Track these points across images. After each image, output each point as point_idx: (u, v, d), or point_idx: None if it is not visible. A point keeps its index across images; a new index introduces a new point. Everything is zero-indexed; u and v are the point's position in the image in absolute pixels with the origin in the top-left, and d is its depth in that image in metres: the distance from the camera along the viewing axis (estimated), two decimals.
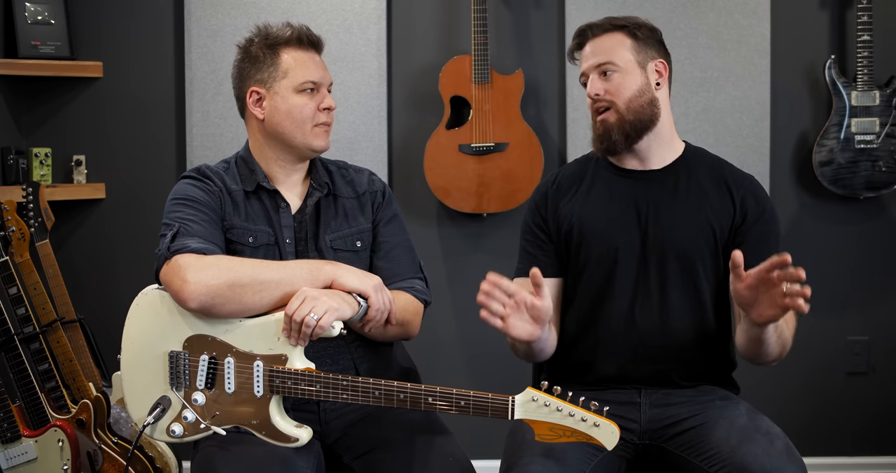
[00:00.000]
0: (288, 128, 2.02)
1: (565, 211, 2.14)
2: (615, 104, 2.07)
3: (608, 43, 2.08)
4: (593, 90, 2.08)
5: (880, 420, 3.39)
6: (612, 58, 2.07)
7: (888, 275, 3.38)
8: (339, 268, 1.90)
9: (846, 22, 3.29)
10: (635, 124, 2.07)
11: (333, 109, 2.06)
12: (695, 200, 2.08)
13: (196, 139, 3.32)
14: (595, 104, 2.09)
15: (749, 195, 2.09)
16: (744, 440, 1.87)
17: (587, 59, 2.10)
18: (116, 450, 2.76)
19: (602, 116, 2.09)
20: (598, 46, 2.09)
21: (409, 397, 1.79)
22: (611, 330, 2.07)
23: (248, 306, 1.84)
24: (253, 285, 1.83)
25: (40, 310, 2.86)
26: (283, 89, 2.01)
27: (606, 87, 2.07)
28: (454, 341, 3.43)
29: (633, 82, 2.07)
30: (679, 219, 2.07)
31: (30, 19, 3.22)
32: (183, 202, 1.97)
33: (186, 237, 1.88)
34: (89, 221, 3.40)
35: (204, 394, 1.87)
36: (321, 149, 2.06)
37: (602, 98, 2.07)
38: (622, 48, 2.08)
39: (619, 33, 2.09)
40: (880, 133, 3.16)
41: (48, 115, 3.36)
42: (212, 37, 3.30)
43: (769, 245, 2.05)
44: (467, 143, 3.20)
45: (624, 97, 2.07)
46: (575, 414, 1.71)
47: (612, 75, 2.07)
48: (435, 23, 3.35)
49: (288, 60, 2.02)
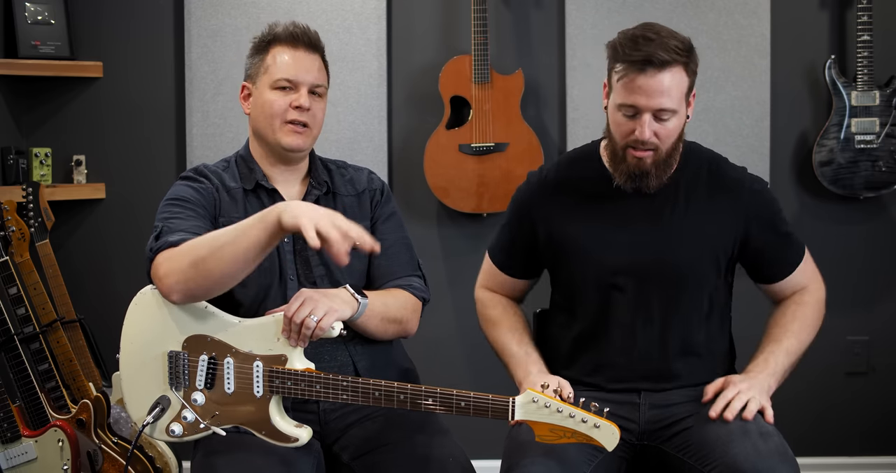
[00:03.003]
0: (262, 123, 2.03)
1: (557, 222, 2.08)
2: (659, 148, 1.95)
3: (672, 81, 1.90)
4: (646, 135, 1.91)
5: (880, 420, 3.39)
6: (674, 103, 1.91)
7: (888, 275, 3.38)
8: (287, 204, 1.76)
9: (846, 22, 3.29)
10: (667, 161, 1.99)
11: (306, 109, 2.00)
12: (696, 217, 2.02)
13: (196, 139, 3.32)
14: (640, 145, 1.94)
15: (750, 202, 2.04)
16: (736, 439, 1.86)
17: (648, 96, 1.89)
18: (116, 450, 2.76)
19: (641, 154, 1.95)
20: (662, 84, 1.89)
21: (409, 398, 1.79)
22: (611, 353, 2.05)
23: (218, 275, 1.77)
24: (213, 253, 1.76)
25: (40, 310, 2.86)
26: (262, 85, 2.02)
27: (658, 131, 1.93)
28: (454, 341, 3.43)
29: (680, 123, 1.96)
30: (680, 240, 2.01)
31: (30, 19, 3.22)
32: (172, 202, 1.98)
33: (167, 234, 1.88)
34: (89, 221, 3.40)
35: (203, 394, 1.87)
36: (292, 149, 2.01)
37: (651, 142, 1.93)
38: (681, 88, 1.93)
39: (680, 69, 1.91)
40: (880, 133, 3.16)
41: (48, 115, 3.36)
42: (212, 37, 3.30)
43: (775, 245, 2.08)
44: (467, 143, 3.20)
45: (671, 141, 1.96)
46: (575, 416, 1.71)
47: (669, 119, 1.92)
48: (435, 23, 3.35)
49: (271, 57, 2.02)
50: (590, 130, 3.27)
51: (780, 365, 2.02)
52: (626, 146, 1.96)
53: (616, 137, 1.98)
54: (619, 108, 1.94)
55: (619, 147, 1.98)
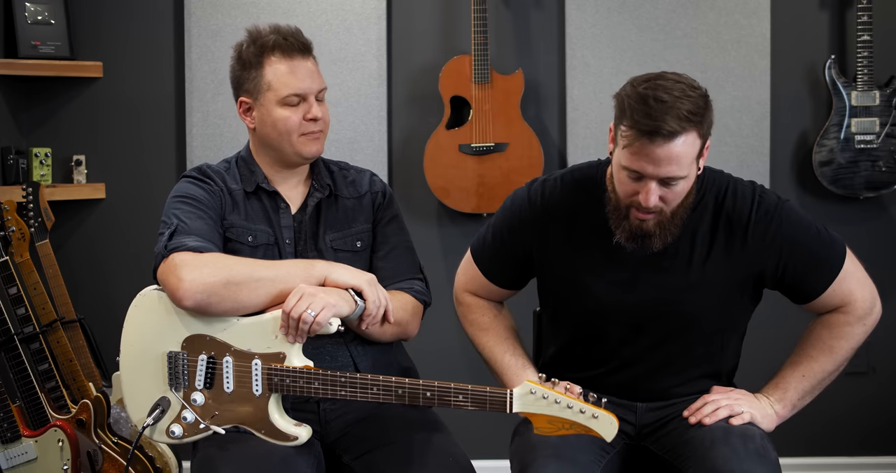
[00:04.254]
0: (276, 138, 2.01)
1: (554, 249, 1.99)
2: (664, 210, 1.83)
3: (683, 148, 1.75)
4: (651, 202, 1.79)
5: (880, 420, 3.38)
6: (683, 170, 1.77)
7: (888, 275, 3.38)
8: (333, 265, 1.90)
9: (846, 22, 3.28)
10: (672, 220, 1.85)
11: (319, 119, 2.01)
12: (702, 263, 1.90)
13: (196, 139, 3.32)
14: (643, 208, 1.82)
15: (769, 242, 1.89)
16: (717, 441, 1.84)
17: (656, 165, 1.76)
18: (116, 450, 2.76)
19: (643, 216, 1.83)
20: (671, 153, 1.75)
21: (408, 392, 1.79)
22: (601, 376, 2.00)
23: (244, 304, 1.84)
24: (248, 283, 1.83)
25: (40, 310, 2.86)
26: (268, 102, 1.99)
27: (665, 196, 1.81)
28: (454, 341, 3.42)
29: (689, 184, 1.83)
30: (687, 286, 1.91)
31: (30, 19, 3.22)
32: (183, 200, 1.97)
33: (184, 235, 1.88)
34: (89, 221, 3.40)
35: (203, 394, 1.87)
36: (312, 156, 2.04)
37: (655, 207, 1.81)
38: (693, 151, 1.78)
39: (693, 133, 1.76)
40: (880, 133, 3.16)
41: (48, 115, 3.36)
42: (212, 37, 3.30)
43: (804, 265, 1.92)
44: (467, 143, 3.20)
45: (678, 202, 1.84)
46: (573, 406, 1.70)
47: (676, 184, 1.79)
48: (435, 23, 3.35)
49: (271, 72, 1.98)
50: (590, 130, 3.27)
51: (790, 390, 1.96)
52: (630, 205, 1.85)
53: (619, 194, 1.86)
54: (623, 168, 1.81)
55: (622, 204, 1.86)
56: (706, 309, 1.94)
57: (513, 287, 2.15)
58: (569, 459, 1.84)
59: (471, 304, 2.18)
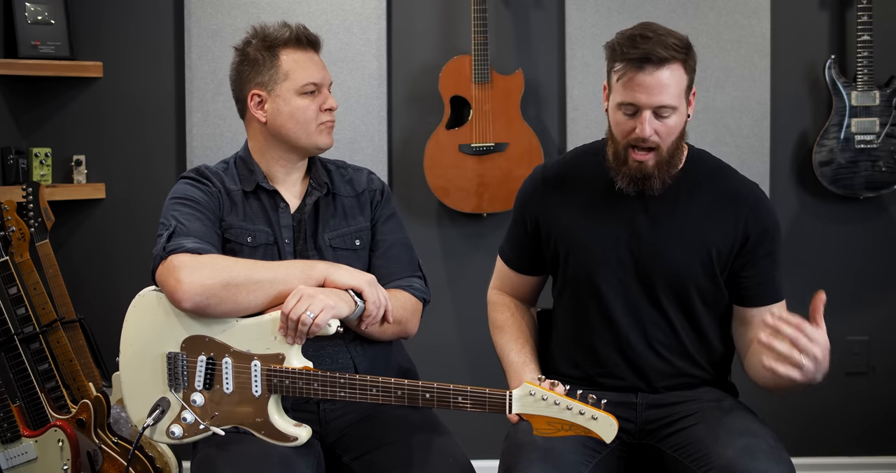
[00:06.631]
0: (292, 129, 2.02)
1: (555, 217, 2.08)
2: (660, 147, 1.93)
3: (671, 78, 1.88)
4: (647, 132, 1.90)
5: (880, 420, 3.39)
6: (673, 100, 1.89)
7: (888, 275, 3.38)
8: (333, 266, 1.90)
9: (846, 22, 3.28)
10: (669, 162, 1.96)
11: (335, 109, 2.06)
12: (694, 222, 2.00)
13: (196, 139, 3.32)
14: (641, 144, 1.92)
15: (752, 214, 2.00)
16: (731, 440, 1.86)
17: (648, 94, 1.88)
18: (116, 450, 2.76)
19: (642, 157, 1.93)
20: (661, 81, 1.87)
21: (407, 393, 1.79)
22: (605, 350, 2.05)
23: (243, 306, 1.84)
24: (248, 285, 1.83)
25: (40, 310, 2.86)
26: (285, 92, 2.01)
27: (659, 129, 1.91)
28: (454, 341, 3.43)
29: (681, 121, 1.94)
30: (674, 243, 2.00)
31: (30, 19, 3.22)
32: (181, 201, 1.98)
33: (182, 237, 1.88)
34: (89, 221, 3.41)
35: (202, 395, 1.87)
36: (326, 147, 2.06)
37: (652, 140, 1.91)
38: (681, 85, 1.91)
39: (678, 66, 1.89)
40: (880, 133, 3.16)
41: (48, 115, 3.37)
42: (212, 37, 3.30)
43: (765, 268, 2.01)
44: (467, 143, 3.20)
45: (672, 139, 1.94)
46: (573, 408, 1.70)
47: (669, 117, 1.90)
48: (435, 23, 3.35)
49: (288, 62, 2.01)
50: (590, 130, 3.27)
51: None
52: (628, 145, 1.94)
53: (617, 137, 1.96)
54: (619, 107, 1.93)
55: (620, 147, 1.96)
56: (691, 268, 2.00)
57: (534, 272, 2.19)
58: (554, 460, 1.85)
59: (493, 302, 2.25)
